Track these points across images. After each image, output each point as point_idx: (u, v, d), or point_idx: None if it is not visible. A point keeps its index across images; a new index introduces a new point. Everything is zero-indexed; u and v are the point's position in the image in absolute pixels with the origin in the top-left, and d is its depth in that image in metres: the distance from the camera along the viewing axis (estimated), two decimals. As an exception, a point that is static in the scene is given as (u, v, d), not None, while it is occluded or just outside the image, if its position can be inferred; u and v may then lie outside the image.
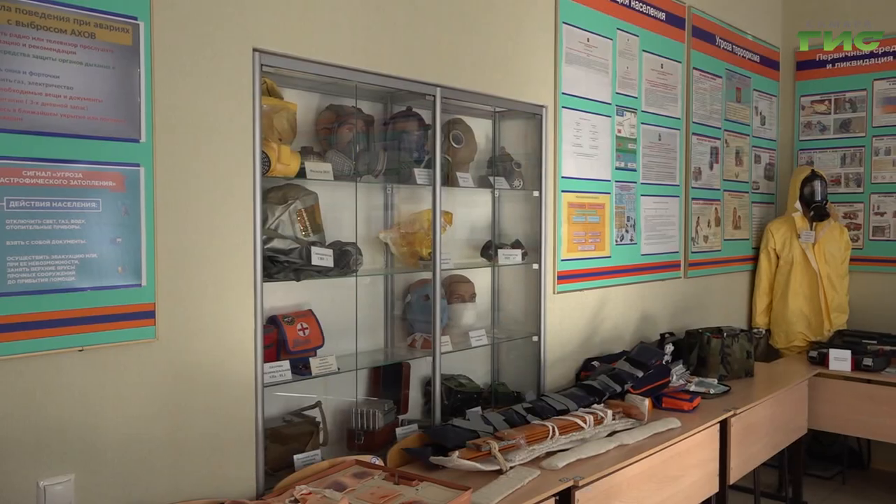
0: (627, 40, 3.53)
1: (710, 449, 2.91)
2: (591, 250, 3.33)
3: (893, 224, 4.53)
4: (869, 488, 4.20)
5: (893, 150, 4.52)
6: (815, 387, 3.86)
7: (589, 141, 3.30)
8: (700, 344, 3.57)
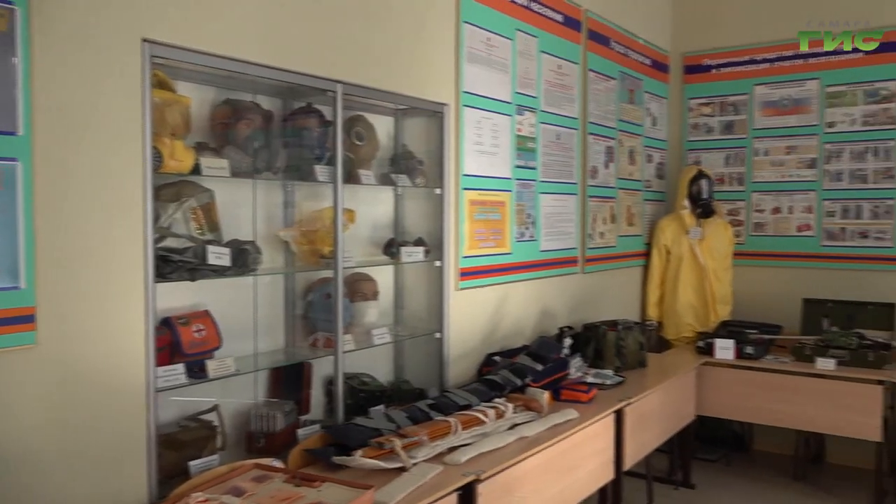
0: (527, 41, 3.60)
1: (605, 438, 3.02)
2: (492, 247, 3.38)
3: (772, 221, 4.84)
4: (751, 469, 4.47)
5: (772, 151, 4.83)
6: (702, 375, 4.08)
7: (490, 139, 3.35)
8: (597, 337, 3.70)
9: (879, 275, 4.46)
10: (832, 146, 4.62)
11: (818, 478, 4.33)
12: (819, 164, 4.66)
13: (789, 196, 4.77)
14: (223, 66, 2.17)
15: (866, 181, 4.52)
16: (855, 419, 3.72)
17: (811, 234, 4.69)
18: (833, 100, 4.60)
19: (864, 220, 4.53)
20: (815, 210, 4.68)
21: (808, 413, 3.86)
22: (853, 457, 4.36)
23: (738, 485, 4.19)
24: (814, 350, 3.93)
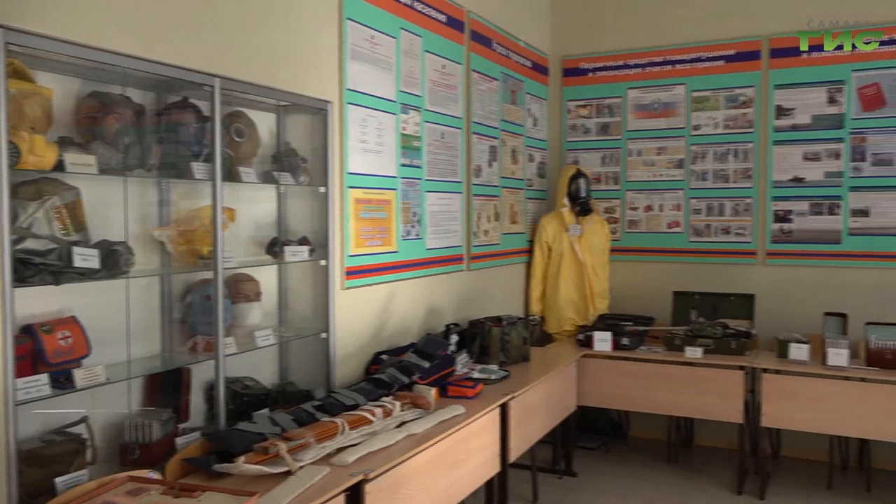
0: (411, 40, 3.62)
1: (491, 432, 3.08)
2: (378, 246, 3.37)
3: (645, 218, 5.10)
4: (629, 454, 4.70)
5: (644, 151, 5.08)
6: (582, 367, 4.24)
7: (375, 137, 3.34)
8: (482, 333, 3.77)
9: (740, 268, 4.80)
10: (698, 148, 4.92)
11: (689, 459, 4.61)
12: (686, 164, 4.95)
13: (660, 195, 5.04)
14: (88, 57, 2.04)
15: (728, 181, 4.84)
16: (720, 403, 3.98)
17: (680, 231, 4.98)
18: (698, 104, 4.91)
19: (727, 216, 4.86)
20: (683, 208, 4.97)
21: (679, 399, 4.10)
22: (719, 438, 4.67)
23: (617, 470, 4.39)
24: (683, 340, 4.17)
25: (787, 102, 4.67)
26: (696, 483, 4.20)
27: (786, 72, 4.65)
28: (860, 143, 4.49)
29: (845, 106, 4.52)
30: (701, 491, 4.07)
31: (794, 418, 3.88)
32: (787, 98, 4.67)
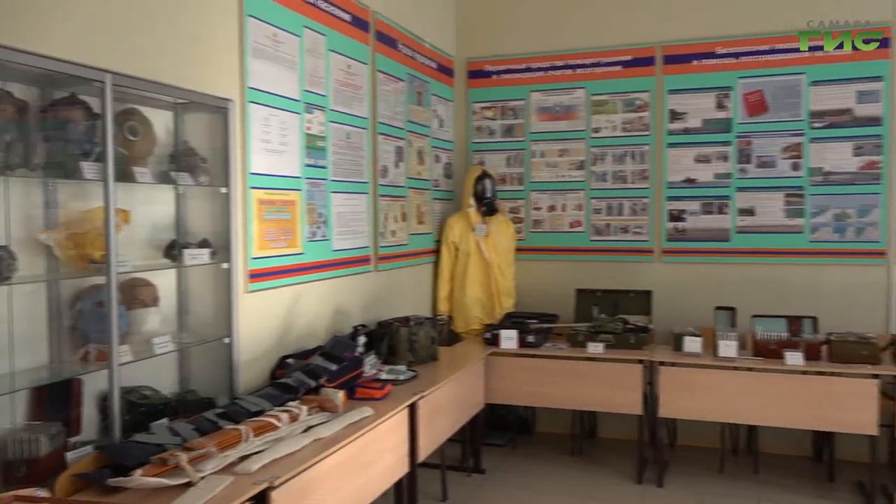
0: (314, 38, 3.57)
1: (400, 432, 3.08)
2: (283, 247, 3.31)
3: (548, 218, 5.22)
4: (535, 449, 4.80)
5: (547, 153, 5.21)
6: (489, 365, 4.30)
7: (278, 137, 3.28)
8: (390, 334, 3.76)
9: (639, 265, 5.00)
10: (597, 150, 5.09)
11: (592, 451, 4.75)
12: (587, 165, 5.11)
13: (563, 195, 5.18)
14: (-36, 48, 1.91)
15: (626, 181, 5.03)
16: (620, 396, 4.13)
17: (581, 230, 5.14)
18: (597, 107, 5.07)
19: (625, 216, 5.04)
20: (584, 208, 5.13)
21: (582, 393, 4.22)
22: (620, 430, 4.84)
23: (524, 465, 4.48)
24: (586, 336, 4.30)
25: (679, 107, 4.90)
26: (598, 474, 4.33)
27: (678, 78, 4.88)
28: (746, 146, 4.76)
29: (732, 111, 4.78)
30: (603, 481, 4.21)
31: (688, 408, 4.08)
32: (680, 103, 4.89)
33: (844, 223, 4.59)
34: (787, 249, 4.68)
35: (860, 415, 3.72)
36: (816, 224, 4.64)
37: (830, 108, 4.59)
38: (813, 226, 4.64)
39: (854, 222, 4.57)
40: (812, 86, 4.61)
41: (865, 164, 4.54)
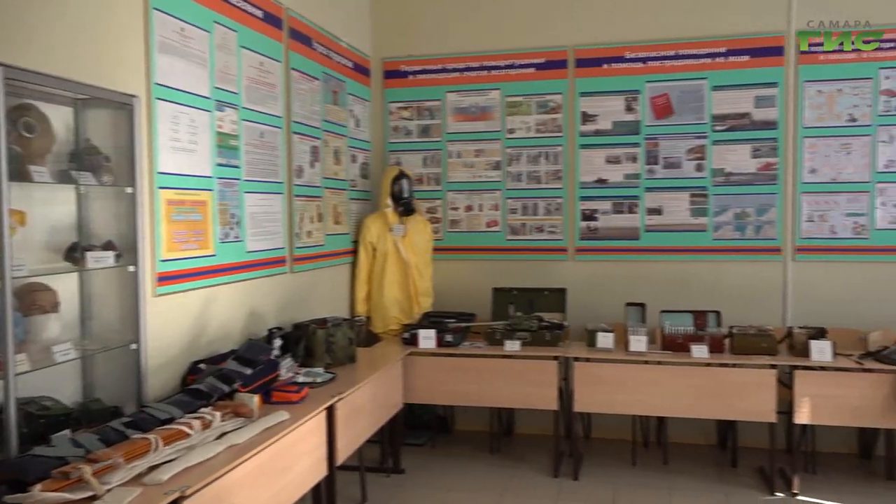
0: (225, 34, 3.47)
1: (318, 435, 3.04)
2: (194, 249, 3.20)
3: (465, 218, 5.27)
4: (454, 448, 4.83)
5: (463, 153, 5.25)
6: (408, 365, 4.30)
7: (188, 136, 3.17)
8: (307, 336, 3.71)
9: (553, 264, 5.10)
10: (512, 150, 5.17)
11: (510, 448, 4.83)
12: (503, 166, 5.18)
13: (479, 195, 5.24)
14: None
15: (540, 182, 5.13)
16: (537, 392, 4.21)
17: (498, 230, 5.21)
18: (512, 109, 5.16)
19: (540, 216, 5.14)
20: (500, 208, 5.20)
21: (500, 391, 4.28)
22: (537, 426, 4.94)
23: (443, 464, 4.51)
24: (502, 334, 4.37)
25: (591, 109, 5.03)
26: (516, 470, 4.40)
27: (589, 81, 5.01)
28: (653, 147, 4.94)
29: (640, 114, 4.95)
30: (521, 476, 4.28)
31: (602, 402, 4.19)
32: (591, 105, 5.03)
33: (744, 222, 4.83)
34: (692, 247, 4.89)
35: (760, 403, 3.92)
36: (719, 223, 4.86)
37: (731, 112, 4.82)
38: (716, 224, 4.87)
39: (753, 221, 4.82)
40: (714, 90, 4.83)
41: (763, 165, 4.79)
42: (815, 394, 3.87)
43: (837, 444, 4.63)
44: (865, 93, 4.64)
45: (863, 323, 4.45)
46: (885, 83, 4.61)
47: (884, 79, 4.61)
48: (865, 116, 4.64)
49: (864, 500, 3.89)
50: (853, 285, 4.66)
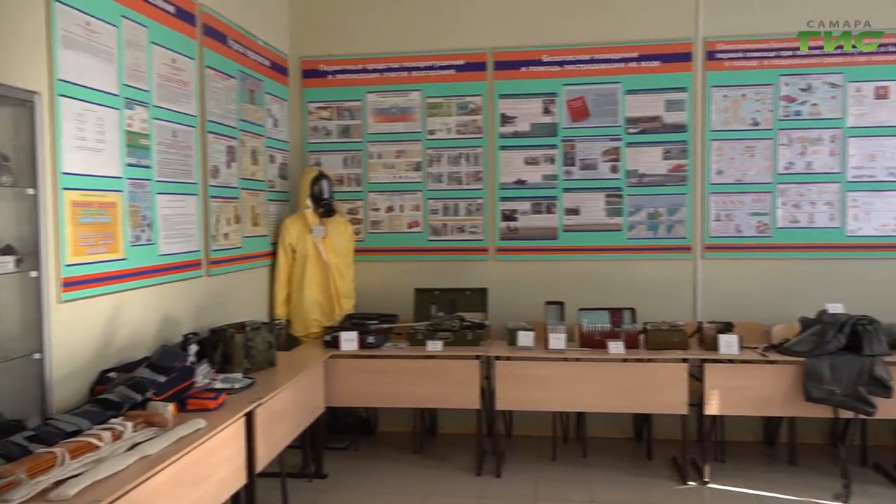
0: (134, 29, 3.34)
1: (237, 443, 2.97)
2: (102, 253, 3.07)
3: (387, 218, 5.25)
4: (378, 450, 4.81)
5: (384, 154, 5.24)
6: (330, 368, 4.26)
7: (95, 135, 3.04)
8: (224, 340, 3.61)
9: (474, 264, 5.15)
10: (433, 151, 5.19)
11: (433, 448, 4.84)
12: (424, 167, 5.20)
13: (400, 196, 5.23)
14: None
15: (461, 182, 5.17)
16: (459, 392, 4.24)
17: (419, 230, 5.21)
18: (432, 110, 5.17)
19: (461, 216, 5.18)
20: (421, 208, 5.21)
21: (423, 391, 4.29)
22: (460, 425, 4.97)
23: (366, 467, 4.48)
24: (425, 334, 4.38)
25: (510, 111, 5.10)
26: (440, 469, 4.42)
27: (508, 83, 5.09)
28: (570, 149, 5.05)
29: (558, 116, 5.06)
30: (444, 476, 4.30)
31: (523, 399, 4.26)
32: (510, 107, 5.10)
33: (657, 221, 5.00)
34: (608, 246, 5.03)
35: (673, 396, 4.07)
36: (633, 222, 5.02)
37: (643, 116, 4.98)
38: (630, 224, 5.02)
39: (665, 220, 4.99)
40: (627, 94, 4.98)
41: (673, 167, 4.97)
42: (723, 386, 4.05)
43: (744, 433, 4.85)
44: (767, 98, 4.88)
45: (767, 317, 4.69)
46: (784, 89, 4.86)
47: (783, 85, 4.86)
48: (767, 121, 4.89)
49: (769, 485, 4.09)
50: (757, 281, 4.90)
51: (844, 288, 4.73)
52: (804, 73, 4.84)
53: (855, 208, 4.83)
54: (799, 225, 4.89)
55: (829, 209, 4.86)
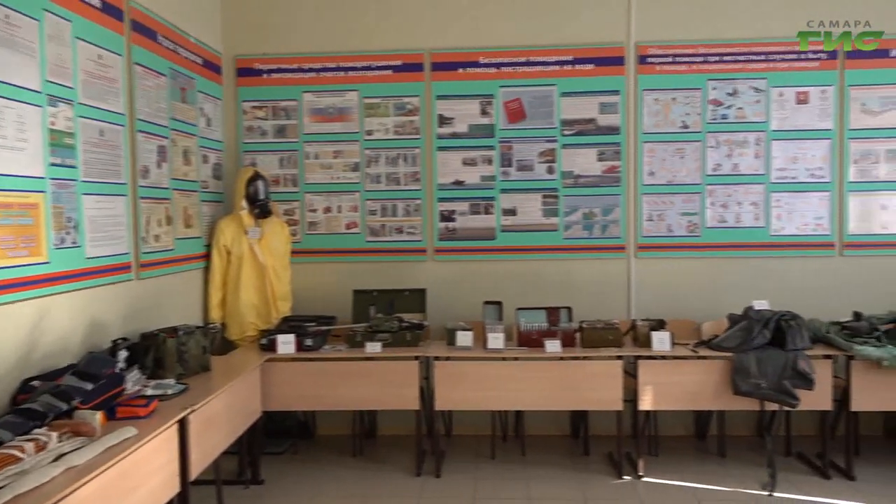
0: (58, 24, 3.21)
1: (169, 450, 2.89)
2: (24, 256, 2.94)
3: (324, 219, 5.20)
4: (316, 453, 4.76)
5: (321, 154, 5.18)
6: (267, 371, 4.19)
7: (15, 133, 2.91)
8: (156, 346, 3.51)
9: (413, 265, 5.15)
10: (371, 152, 5.16)
11: (373, 450, 4.82)
12: (361, 167, 5.17)
13: (338, 196, 5.19)
14: None
15: (399, 183, 5.16)
16: (399, 393, 4.23)
17: (357, 231, 5.18)
18: (370, 110, 5.15)
19: (400, 217, 5.17)
20: (359, 209, 5.17)
21: (362, 393, 4.26)
22: (400, 426, 4.96)
23: (305, 471, 4.43)
24: (363, 336, 4.35)
25: (447, 112, 5.12)
26: (379, 471, 4.40)
27: (445, 84, 5.10)
28: (507, 150, 5.10)
29: (495, 117, 5.10)
30: (384, 478, 4.29)
31: (462, 399, 4.28)
32: (448, 108, 5.12)
33: (592, 221, 5.10)
34: (545, 246, 5.10)
35: (608, 393, 4.16)
36: (569, 222, 5.10)
37: (578, 118, 5.07)
38: (566, 224, 5.10)
39: (600, 220, 5.10)
40: (563, 97, 5.06)
41: (608, 168, 5.08)
42: (656, 381, 4.15)
43: (676, 427, 4.99)
44: (696, 102, 5.04)
45: (697, 314, 4.85)
46: (712, 93, 5.03)
47: (711, 89, 5.03)
48: (696, 124, 5.04)
49: (701, 477, 4.22)
50: (688, 279, 5.05)
51: (769, 285, 4.93)
52: (731, 78, 5.01)
53: (778, 208, 5.03)
54: (726, 224, 5.06)
55: (755, 209, 5.05)
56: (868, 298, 4.78)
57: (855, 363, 4.05)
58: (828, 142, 4.99)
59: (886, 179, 4.98)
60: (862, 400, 4.08)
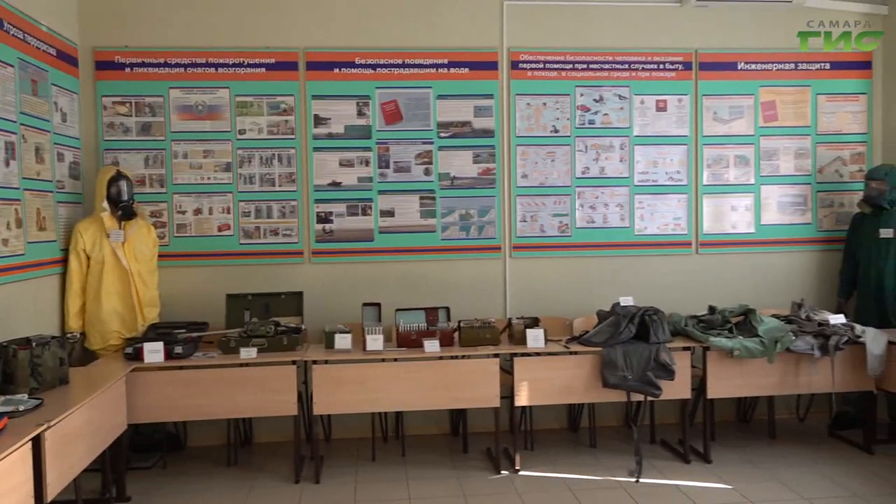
0: None
1: (22, 471, 2.67)
2: None
3: (194, 221, 4.99)
4: (188, 466, 4.55)
5: (190, 154, 4.97)
6: (132, 382, 3.96)
7: None
8: (6, 358, 3.24)
9: (289, 267, 5.04)
10: (244, 152, 5.00)
11: (249, 459, 4.67)
12: (234, 168, 5.00)
13: (209, 197, 4.99)
14: None
15: (274, 184, 5.03)
16: (276, 399, 4.12)
17: (230, 234, 5.00)
18: (242, 109, 4.99)
19: (275, 219, 5.05)
20: (232, 211, 5.00)
21: (237, 401, 4.12)
22: (277, 433, 4.84)
23: (176, 485, 4.22)
24: (237, 342, 4.21)
25: (323, 112, 5.05)
26: (256, 480, 4.27)
27: (321, 84, 5.03)
28: (385, 152, 5.10)
29: (371, 119, 5.08)
30: (261, 487, 4.16)
31: (341, 402, 4.23)
32: (324, 108, 5.05)
33: (468, 222, 5.19)
34: (423, 247, 5.14)
35: (486, 390, 4.24)
36: (446, 223, 5.17)
37: (454, 120, 5.15)
38: (443, 225, 5.17)
39: (476, 221, 5.19)
40: (438, 99, 5.12)
41: (483, 170, 5.19)
42: (531, 377, 4.28)
43: (550, 421, 5.17)
44: (565, 107, 5.24)
45: (569, 311, 5.06)
46: (580, 99, 5.25)
47: (579, 95, 5.25)
48: (566, 128, 5.25)
49: (574, 468, 4.39)
50: (560, 278, 5.25)
51: (634, 281, 5.21)
52: (597, 86, 5.26)
53: (641, 209, 5.33)
54: (595, 225, 5.30)
55: (620, 210, 5.32)
56: (721, 293, 5.17)
57: (710, 353, 4.36)
58: (684, 147, 5.35)
59: (735, 183, 5.40)
60: (717, 388, 4.40)
